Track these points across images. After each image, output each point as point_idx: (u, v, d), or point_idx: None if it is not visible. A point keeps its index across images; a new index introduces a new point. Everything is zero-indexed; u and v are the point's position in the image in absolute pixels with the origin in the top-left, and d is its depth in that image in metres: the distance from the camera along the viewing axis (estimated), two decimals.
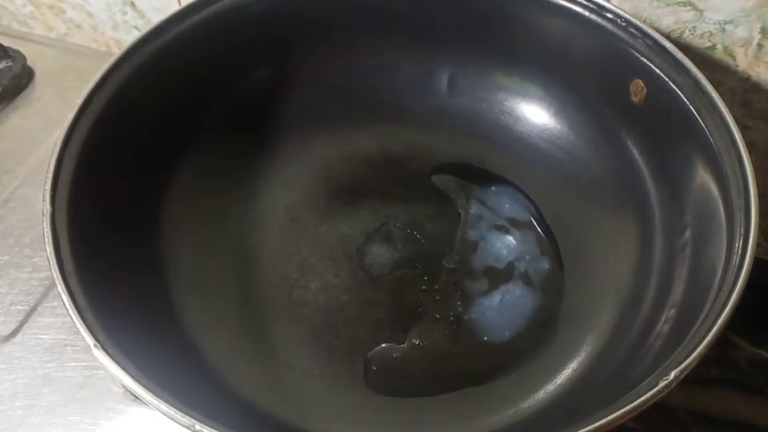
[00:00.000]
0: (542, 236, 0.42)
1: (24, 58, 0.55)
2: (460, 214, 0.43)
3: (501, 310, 0.39)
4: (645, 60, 0.37)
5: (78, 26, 0.58)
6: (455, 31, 0.43)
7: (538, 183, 0.44)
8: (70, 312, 0.28)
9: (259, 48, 0.43)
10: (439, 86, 0.46)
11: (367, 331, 0.39)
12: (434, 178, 0.45)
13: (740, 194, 0.31)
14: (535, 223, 0.43)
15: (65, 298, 0.29)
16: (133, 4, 0.53)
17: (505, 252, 0.42)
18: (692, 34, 0.39)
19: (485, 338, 0.38)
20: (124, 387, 0.27)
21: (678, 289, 0.34)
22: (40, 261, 0.44)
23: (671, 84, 0.36)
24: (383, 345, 0.38)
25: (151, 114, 0.39)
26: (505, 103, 0.45)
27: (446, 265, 0.41)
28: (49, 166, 0.33)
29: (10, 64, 0.54)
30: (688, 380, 0.26)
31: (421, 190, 0.45)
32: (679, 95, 0.35)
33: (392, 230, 0.43)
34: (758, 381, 0.40)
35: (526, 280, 0.40)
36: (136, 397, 0.27)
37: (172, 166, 0.41)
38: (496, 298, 0.40)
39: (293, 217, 0.43)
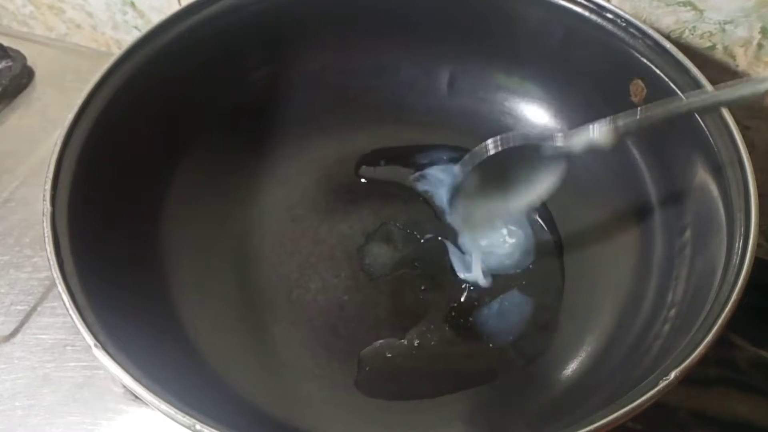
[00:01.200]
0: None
1: (24, 58, 0.55)
2: None
3: (500, 314, 0.39)
4: (645, 60, 0.37)
5: (78, 26, 0.58)
6: (455, 31, 0.43)
7: None
8: (71, 312, 0.28)
9: (258, 48, 0.43)
10: (439, 86, 0.46)
11: (367, 330, 0.39)
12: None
13: (740, 194, 0.31)
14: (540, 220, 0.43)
15: (65, 297, 0.29)
16: (133, 4, 0.53)
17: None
18: (692, 34, 0.39)
19: (491, 344, 0.38)
20: (124, 387, 0.27)
21: (678, 290, 0.34)
22: (40, 261, 0.44)
23: (671, 84, 0.36)
24: (381, 342, 0.38)
25: (151, 114, 0.39)
26: (506, 103, 0.45)
27: (447, 264, 0.41)
28: (49, 166, 0.33)
29: (10, 64, 0.54)
30: (688, 380, 0.27)
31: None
32: (680, 96, 0.35)
33: (392, 230, 0.43)
34: (758, 381, 0.40)
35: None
36: (137, 397, 0.27)
37: (172, 166, 0.41)
38: (495, 305, 0.40)
39: (293, 217, 0.43)
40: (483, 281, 0.40)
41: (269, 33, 0.43)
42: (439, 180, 0.44)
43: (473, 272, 0.40)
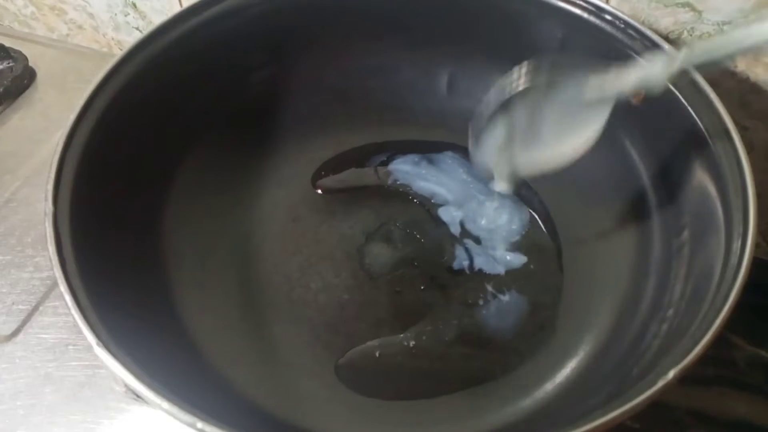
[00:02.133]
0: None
1: (26, 58, 0.55)
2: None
3: (499, 313, 0.39)
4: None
5: (79, 27, 0.58)
6: (454, 32, 0.44)
7: (538, 183, 0.44)
8: (73, 311, 0.29)
9: (259, 49, 0.43)
10: (439, 87, 0.46)
11: (367, 330, 0.39)
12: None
13: (738, 195, 0.31)
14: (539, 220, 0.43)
15: (68, 297, 0.29)
16: (134, 6, 0.53)
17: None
18: (691, 35, 0.39)
19: (489, 343, 0.38)
20: (125, 386, 0.28)
21: (676, 289, 0.34)
22: (42, 261, 0.44)
23: (670, 85, 0.36)
24: (380, 341, 0.38)
25: (153, 115, 0.39)
26: None
27: (446, 263, 0.41)
28: (51, 166, 0.33)
29: (11, 64, 0.54)
30: (687, 379, 0.27)
31: None
32: (678, 96, 0.35)
33: (392, 230, 0.43)
34: (756, 380, 0.40)
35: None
36: (138, 396, 0.27)
37: (174, 167, 0.41)
38: (493, 305, 0.40)
39: (294, 217, 0.43)
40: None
41: (270, 34, 0.43)
42: (405, 172, 0.45)
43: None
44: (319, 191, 0.45)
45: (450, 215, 0.43)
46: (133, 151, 0.37)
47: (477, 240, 0.42)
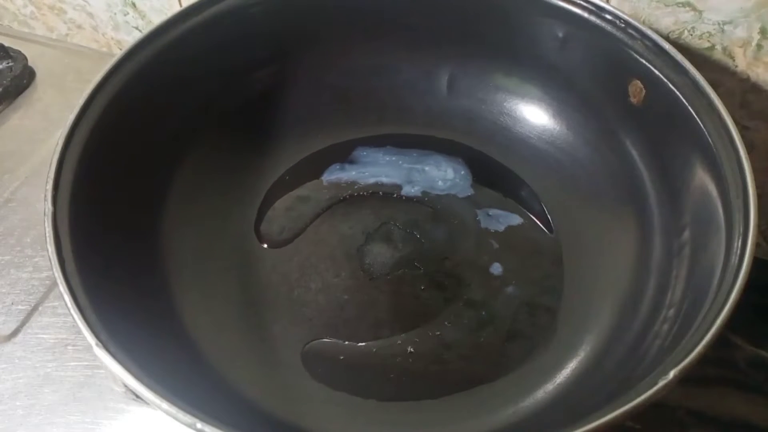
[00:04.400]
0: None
1: (25, 58, 0.55)
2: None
3: (499, 314, 0.39)
4: (644, 61, 0.37)
5: (79, 27, 0.58)
6: (455, 32, 0.44)
7: (538, 183, 0.44)
8: (72, 311, 0.28)
9: (259, 49, 0.43)
10: (439, 87, 0.46)
11: (367, 330, 0.39)
12: None
13: (739, 195, 0.31)
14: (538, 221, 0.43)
15: (67, 297, 0.29)
16: (134, 5, 0.53)
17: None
18: (691, 35, 0.39)
19: (489, 344, 0.38)
20: (125, 386, 0.27)
21: (677, 289, 0.34)
22: (42, 261, 0.44)
23: (670, 85, 0.36)
24: (379, 342, 0.38)
25: (152, 114, 0.39)
26: (505, 104, 0.45)
27: (446, 264, 0.41)
28: (50, 166, 0.33)
29: (11, 64, 0.54)
30: (687, 380, 0.26)
31: None
32: (678, 96, 0.35)
33: (392, 230, 0.43)
34: (757, 381, 0.40)
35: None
36: (137, 397, 0.27)
37: (173, 167, 0.41)
38: (494, 305, 0.40)
39: (294, 217, 0.43)
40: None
41: (270, 34, 0.43)
42: (340, 180, 0.45)
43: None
44: (265, 246, 0.42)
45: (411, 193, 0.44)
46: (133, 150, 0.37)
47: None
